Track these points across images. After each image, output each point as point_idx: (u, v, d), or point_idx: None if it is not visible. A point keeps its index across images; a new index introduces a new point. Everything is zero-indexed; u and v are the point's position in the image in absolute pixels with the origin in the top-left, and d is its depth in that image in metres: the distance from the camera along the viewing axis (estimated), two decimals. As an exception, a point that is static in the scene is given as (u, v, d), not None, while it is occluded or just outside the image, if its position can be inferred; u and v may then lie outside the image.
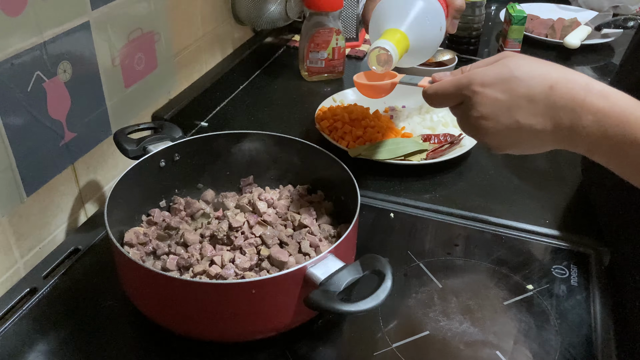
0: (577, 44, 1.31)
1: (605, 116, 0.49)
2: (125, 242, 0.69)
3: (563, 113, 0.50)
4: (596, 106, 0.49)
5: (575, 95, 0.50)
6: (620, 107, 0.49)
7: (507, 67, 0.52)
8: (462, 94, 0.54)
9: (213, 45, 1.11)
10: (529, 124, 0.51)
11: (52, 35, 0.67)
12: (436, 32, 0.71)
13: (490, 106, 0.52)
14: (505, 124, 0.52)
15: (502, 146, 0.54)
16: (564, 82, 0.50)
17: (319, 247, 0.68)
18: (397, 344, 0.63)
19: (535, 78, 0.51)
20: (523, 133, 0.52)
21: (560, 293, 0.69)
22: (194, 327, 0.60)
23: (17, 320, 0.64)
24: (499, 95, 0.51)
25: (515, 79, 0.51)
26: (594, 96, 0.49)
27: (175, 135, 0.77)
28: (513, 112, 0.51)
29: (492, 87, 0.51)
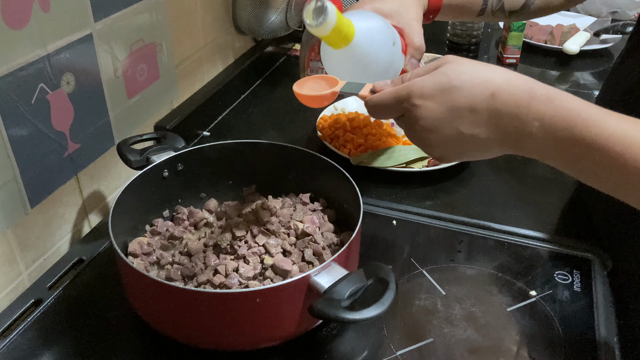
0: (576, 49, 1.32)
1: (551, 120, 0.47)
2: (129, 252, 0.69)
3: (507, 120, 0.48)
4: (541, 111, 0.47)
5: (519, 101, 0.48)
6: (567, 110, 0.47)
7: (446, 76, 0.50)
8: (402, 107, 0.52)
9: (214, 55, 1.12)
10: (472, 133, 0.49)
11: (56, 47, 0.68)
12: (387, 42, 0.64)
13: (431, 119, 0.50)
14: (448, 136, 0.50)
15: (449, 157, 0.53)
16: (507, 88, 0.48)
17: (322, 256, 0.68)
18: (401, 351, 0.63)
19: (476, 86, 0.49)
20: (468, 143, 0.50)
21: (564, 299, 0.69)
22: (198, 336, 0.60)
23: (22, 331, 0.65)
24: (439, 107, 0.49)
25: (455, 88, 0.49)
26: (538, 101, 0.48)
27: (177, 145, 0.78)
28: (455, 123, 0.49)
29: (432, 99, 0.49)
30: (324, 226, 0.73)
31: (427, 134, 0.51)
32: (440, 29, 1.37)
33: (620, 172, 0.46)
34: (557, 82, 1.27)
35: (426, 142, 0.52)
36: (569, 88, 1.23)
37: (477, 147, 0.51)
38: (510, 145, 0.50)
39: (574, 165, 0.49)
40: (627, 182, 0.46)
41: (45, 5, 0.66)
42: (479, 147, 0.51)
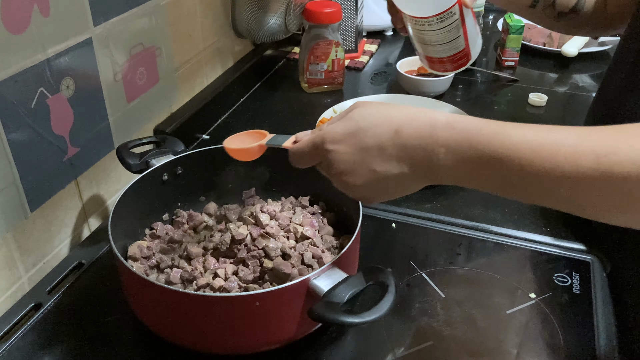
0: (575, 52, 1.32)
1: (455, 144, 0.49)
2: (129, 255, 0.69)
3: (415, 153, 0.50)
4: (444, 138, 0.49)
5: (422, 132, 0.50)
6: (466, 131, 0.49)
7: (352, 120, 0.52)
8: (318, 154, 0.54)
9: (214, 58, 1.12)
10: (385, 170, 0.51)
11: (55, 52, 0.68)
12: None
13: (344, 162, 0.52)
14: (364, 176, 0.52)
15: (371, 197, 0.55)
16: (409, 123, 0.51)
17: (321, 259, 0.68)
18: (401, 354, 0.63)
19: (381, 126, 0.51)
20: (385, 181, 0.52)
21: (563, 301, 0.69)
22: (198, 339, 0.60)
23: (22, 335, 0.65)
24: (350, 150, 0.52)
25: (362, 130, 0.51)
26: (440, 129, 0.49)
27: (177, 149, 0.78)
28: (367, 163, 0.52)
29: (342, 143, 0.52)
30: (324, 229, 0.73)
31: (343, 177, 0.53)
32: (439, 32, 1.37)
33: (535, 179, 0.46)
34: (556, 84, 1.27)
35: (345, 185, 0.54)
36: (567, 90, 1.23)
37: (394, 184, 0.53)
38: (424, 176, 0.52)
39: (491, 184, 0.49)
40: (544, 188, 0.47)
41: (45, 10, 0.66)
42: (396, 183, 0.52)
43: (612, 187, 0.44)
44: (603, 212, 0.47)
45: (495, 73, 1.28)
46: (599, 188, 0.44)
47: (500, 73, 1.28)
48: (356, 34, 1.32)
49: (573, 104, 1.18)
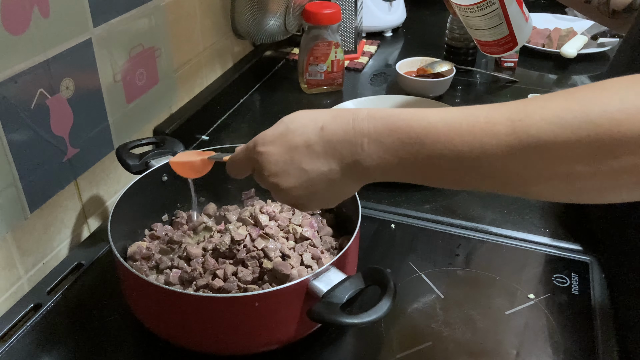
0: (574, 53, 1.32)
1: (376, 132, 0.49)
2: (129, 256, 0.69)
3: (340, 147, 0.51)
4: (366, 128, 0.50)
5: (345, 126, 0.51)
6: (386, 118, 0.49)
7: (282, 123, 0.54)
8: (251, 158, 0.55)
9: (213, 59, 1.12)
10: (314, 168, 0.52)
11: (55, 53, 0.68)
12: None
13: (274, 163, 0.53)
14: (295, 176, 0.53)
15: (304, 201, 0.54)
16: (332, 119, 0.52)
17: (321, 260, 0.68)
18: (400, 355, 0.63)
19: (307, 125, 0.52)
20: (315, 180, 0.52)
21: (562, 302, 0.70)
22: (197, 340, 0.60)
23: (21, 336, 0.65)
24: (280, 150, 0.53)
25: (290, 131, 0.53)
26: (360, 120, 0.50)
27: (177, 150, 0.78)
28: (297, 162, 0.52)
29: (273, 144, 0.53)
30: (323, 230, 0.73)
31: (275, 179, 0.53)
32: (438, 33, 1.37)
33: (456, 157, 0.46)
34: (555, 85, 1.27)
35: (277, 188, 0.54)
36: (566, 91, 1.23)
37: (326, 184, 0.52)
38: (353, 171, 0.51)
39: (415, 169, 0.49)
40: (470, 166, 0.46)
41: (45, 11, 0.66)
42: (327, 181, 0.52)
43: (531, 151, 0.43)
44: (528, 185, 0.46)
45: (494, 74, 1.28)
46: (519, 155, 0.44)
47: (500, 74, 1.28)
48: (355, 35, 1.33)
49: (572, 105, 1.18)
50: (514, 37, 0.77)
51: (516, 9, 0.76)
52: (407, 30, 1.52)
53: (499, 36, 0.76)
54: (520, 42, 0.79)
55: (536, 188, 0.46)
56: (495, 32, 0.77)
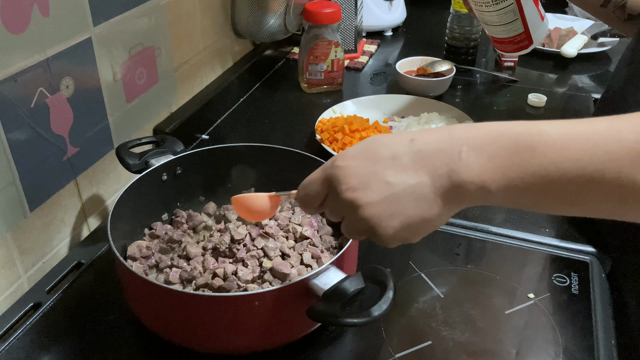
0: (574, 53, 1.32)
1: (477, 140, 0.45)
2: (128, 255, 0.69)
3: (433, 157, 0.46)
4: (465, 136, 0.45)
5: (439, 136, 0.46)
6: (488, 126, 0.45)
7: (367, 140, 0.50)
8: (327, 175, 0.49)
9: (213, 58, 1.12)
10: (400, 181, 0.46)
11: (55, 52, 0.68)
12: None
13: (354, 176, 0.47)
14: (376, 190, 0.46)
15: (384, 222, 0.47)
16: (424, 133, 0.48)
17: (320, 259, 0.68)
18: (400, 354, 0.63)
19: (395, 138, 0.48)
20: (399, 195, 0.46)
21: (562, 301, 0.70)
22: (197, 339, 0.60)
23: (21, 335, 0.65)
24: (362, 163, 0.47)
25: (375, 144, 0.48)
26: (457, 129, 0.46)
27: (176, 149, 0.78)
28: (380, 174, 0.47)
29: (355, 159, 0.48)
30: (323, 229, 0.73)
31: (353, 193, 0.47)
32: (438, 33, 1.37)
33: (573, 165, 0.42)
34: (555, 85, 1.27)
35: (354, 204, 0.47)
36: (567, 91, 1.24)
37: (412, 198, 0.46)
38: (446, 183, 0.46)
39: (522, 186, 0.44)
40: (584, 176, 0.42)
41: (45, 10, 0.66)
42: (414, 196, 0.46)
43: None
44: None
45: (494, 74, 1.28)
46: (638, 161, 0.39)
47: (500, 74, 1.28)
48: (355, 34, 1.33)
49: (572, 104, 1.18)
50: (529, 35, 0.75)
51: (532, 6, 0.74)
52: (407, 30, 1.52)
53: (513, 33, 0.74)
54: (536, 42, 0.77)
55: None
56: (510, 28, 0.75)
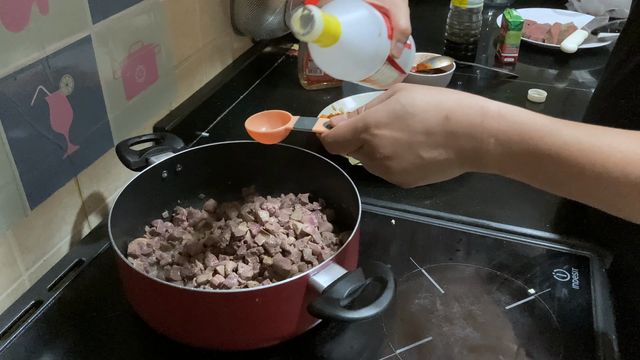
0: (574, 48, 1.32)
1: (505, 136, 0.48)
2: (129, 253, 0.69)
3: (464, 140, 0.50)
4: (495, 128, 0.49)
5: (472, 120, 0.49)
6: (519, 124, 0.48)
7: (399, 104, 0.51)
8: (360, 138, 0.53)
9: (213, 56, 1.12)
10: (431, 156, 0.51)
11: (54, 49, 0.68)
12: (374, 35, 0.66)
13: (390, 146, 0.51)
14: (409, 161, 0.51)
15: (412, 181, 0.54)
16: (459, 109, 0.50)
17: (321, 255, 0.68)
18: (400, 349, 0.63)
19: (429, 111, 0.50)
20: (429, 166, 0.51)
21: (562, 297, 0.70)
22: (198, 336, 0.60)
23: (22, 332, 0.65)
24: (397, 134, 0.50)
25: (410, 115, 0.50)
26: (491, 118, 0.49)
27: (176, 146, 0.78)
28: (414, 148, 0.51)
29: (389, 127, 0.51)
30: (323, 226, 0.73)
31: (388, 162, 0.52)
32: (438, 29, 1.37)
33: (581, 180, 0.47)
34: (556, 80, 1.27)
35: (389, 170, 0.53)
36: (567, 86, 1.23)
37: (438, 169, 0.52)
38: (470, 163, 0.51)
39: (535, 177, 0.50)
40: (589, 189, 0.48)
41: (44, 8, 0.66)
42: (440, 168, 0.52)
43: None
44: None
45: (494, 69, 1.28)
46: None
47: (500, 69, 1.28)
48: (355, 30, 1.32)
49: (573, 100, 1.18)
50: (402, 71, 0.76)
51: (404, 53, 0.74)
52: (407, 26, 1.51)
53: (392, 79, 0.75)
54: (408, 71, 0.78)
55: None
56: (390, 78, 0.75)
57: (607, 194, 0.47)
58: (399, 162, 0.51)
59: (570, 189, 0.49)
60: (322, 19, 0.56)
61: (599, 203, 0.49)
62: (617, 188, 0.46)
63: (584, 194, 0.49)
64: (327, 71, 0.69)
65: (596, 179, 0.46)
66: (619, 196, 0.46)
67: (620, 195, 0.46)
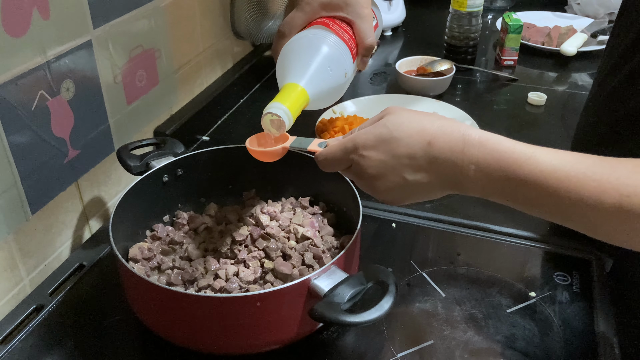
0: (574, 51, 1.32)
1: (485, 163, 0.50)
2: (130, 257, 0.69)
3: (445, 166, 0.52)
4: (475, 155, 0.51)
5: (454, 147, 0.51)
6: (499, 152, 0.50)
7: (386, 128, 0.54)
8: (349, 159, 0.55)
9: (213, 60, 1.12)
10: (414, 179, 0.53)
11: (55, 54, 0.69)
12: (339, 80, 0.67)
13: (376, 168, 0.54)
14: (394, 182, 0.54)
15: (398, 200, 0.56)
16: (441, 136, 0.52)
17: (322, 259, 0.68)
18: (401, 353, 0.63)
19: (413, 136, 0.53)
20: (412, 187, 0.54)
21: (563, 300, 0.70)
22: (199, 340, 0.60)
23: (23, 337, 0.65)
24: (383, 157, 0.53)
25: (395, 139, 0.53)
26: (471, 145, 0.51)
27: (177, 151, 0.78)
28: (398, 170, 0.53)
29: (375, 150, 0.54)
30: (324, 229, 0.73)
31: (374, 181, 0.55)
32: (437, 32, 1.37)
33: (559, 205, 0.49)
34: (555, 83, 1.27)
35: (375, 189, 0.55)
36: (567, 89, 1.24)
37: (421, 191, 0.55)
38: (452, 187, 0.54)
39: (515, 201, 0.52)
40: (566, 214, 0.50)
41: (45, 13, 0.66)
42: (423, 190, 0.54)
43: (630, 223, 0.46)
44: (616, 240, 0.49)
45: (494, 72, 1.28)
46: (618, 223, 0.47)
47: (500, 72, 1.28)
48: (355, 34, 1.33)
49: (572, 102, 1.18)
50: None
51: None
52: (407, 29, 1.52)
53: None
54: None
55: (623, 243, 0.49)
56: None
57: (583, 219, 0.49)
58: (384, 182, 0.54)
59: (549, 213, 0.51)
60: (291, 117, 0.61)
61: (578, 227, 0.51)
62: (591, 214, 0.48)
63: (562, 218, 0.51)
64: None
65: (572, 206, 0.48)
66: (594, 221, 0.48)
67: (594, 220, 0.48)
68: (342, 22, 0.70)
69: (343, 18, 0.70)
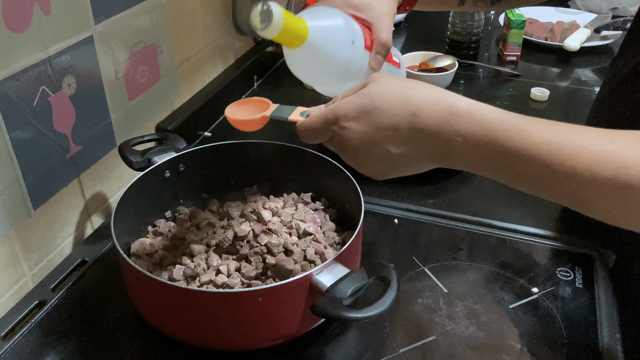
0: (577, 46, 1.32)
1: (473, 135, 0.48)
2: (132, 253, 0.69)
3: (431, 138, 0.49)
4: (463, 127, 0.48)
5: (440, 119, 0.48)
6: (488, 122, 0.48)
7: (368, 97, 0.50)
8: (330, 130, 0.53)
9: (215, 55, 1.12)
10: (399, 152, 0.50)
11: (57, 50, 0.68)
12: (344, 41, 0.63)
13: (358, 140, 0.51)
14: (377, 155, 0.51)
15: (382, 174, 0.54)
16: (427, 106, 0.49)
17: (324, 255, 0.68)
18: (404, 349, 0.63)
19: (397, 107, 0.49)
20: (397, 160, 0.51)
21: (566, 295, 0.69)
22: (201, 336, 0.60)
23: (26, 332, 0.65)
24: (364, 129, 0.50)
25: (377, 110, 0.49)
26: (458, 117, 0.48)
27: (179, 146, 0.78)
28: (381, 143, 0.50)
29: (356, 121, 0.50)
30: (326, 225, 0.73)
31: (356, 154, 0.52)
32: (440, 27, 1.37)
33: (550, 179, 0.46)
34: (558, 79, 1.27)
35: (357, 162, 0.53)
36: (570, 85, 1.23)
37: (406, 164, 0.52)
38: (439, 160, 0.51)
39: (504, 176, 0.49)
40: (559, 188, 0.47)
41: (46, 8, 0.66)
42: (409, 163, 0.52)
43: (628, 197, 0.44)
44: (612, 217, 0.47)
45: (497, 68, 1.28)
46: (614, 197, 0.44)
47: (502, 68, 1.28)
48: (357, 30, 1.32)
49: (575, 98, 1.18)
50: None
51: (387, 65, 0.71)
52: (409, 25, 1.51)
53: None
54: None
55: (619, 220, 0.47)
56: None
57: (577, 194, 0.46)
58: (367, 155, 0.51)
59: (540, 188, 0.48)
60: (282, 16, 0.55)
61: (570, 202, 0.48)
62: (586, 188, 0.45)
63: (554, 193, 0.48)
64: (297, 75, 0.68)
65: (565, 179, 0.46)
66: (589, 196, 0.46)
67: (589, 194, 0.46)
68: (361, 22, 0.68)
69: (363, 20, 0.67)
